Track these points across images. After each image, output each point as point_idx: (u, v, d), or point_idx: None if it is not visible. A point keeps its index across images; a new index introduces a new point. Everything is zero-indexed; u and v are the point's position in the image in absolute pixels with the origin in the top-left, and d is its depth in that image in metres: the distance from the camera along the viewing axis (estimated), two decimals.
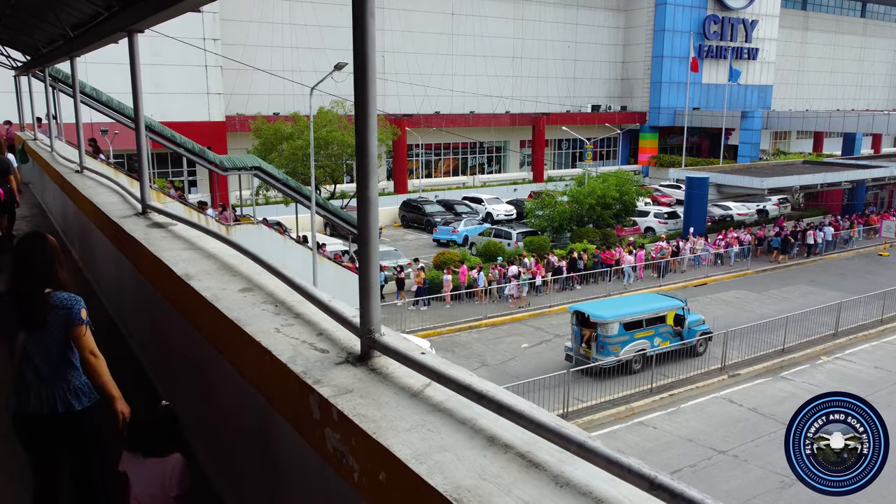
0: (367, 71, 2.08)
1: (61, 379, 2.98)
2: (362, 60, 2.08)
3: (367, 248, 2.19)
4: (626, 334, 17.64)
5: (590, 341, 17.76)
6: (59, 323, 2.94)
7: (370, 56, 2.08)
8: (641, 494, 1.44)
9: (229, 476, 3.20)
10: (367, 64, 2.08)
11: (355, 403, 1.96)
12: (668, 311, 18.36)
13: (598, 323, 17.50)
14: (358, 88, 2.10)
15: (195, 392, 3.58)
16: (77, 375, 3.03)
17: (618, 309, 18.31)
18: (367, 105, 2.10)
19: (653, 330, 18.05)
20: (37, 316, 2.93)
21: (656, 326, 18.11)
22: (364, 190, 2.16)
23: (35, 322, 2.93)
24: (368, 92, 2.09)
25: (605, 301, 20.53)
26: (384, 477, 1.73)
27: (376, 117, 2.15)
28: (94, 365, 3.04)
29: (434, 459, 1.65)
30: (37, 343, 2.94)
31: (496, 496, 1.50)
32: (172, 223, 4.74)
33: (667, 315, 18.29)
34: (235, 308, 2.86)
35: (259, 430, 2.65)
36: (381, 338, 2.21)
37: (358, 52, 2.09)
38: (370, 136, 2.12)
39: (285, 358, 2.30)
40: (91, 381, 3.06)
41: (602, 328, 17.43)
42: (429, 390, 2.04)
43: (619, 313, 17.84)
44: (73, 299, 3.00)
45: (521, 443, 1.72)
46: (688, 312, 18.80)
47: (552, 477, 1.57)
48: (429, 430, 1.79)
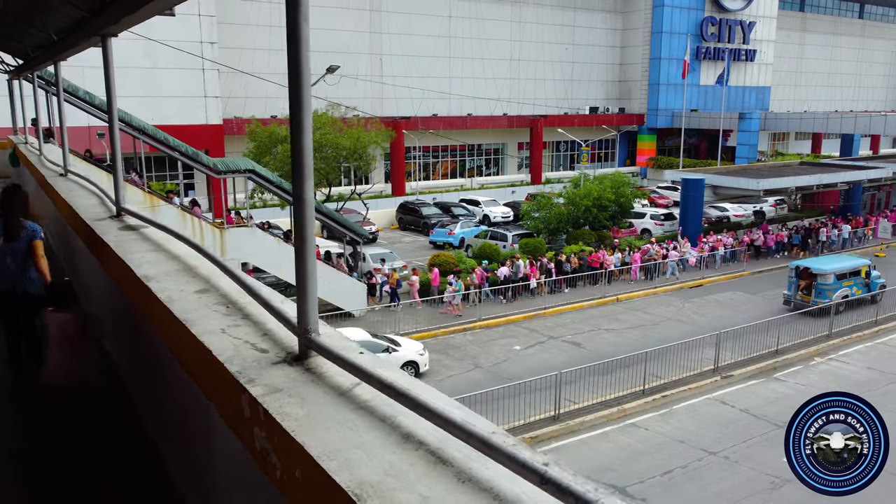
0: (301, 75, 2.11)
1: (24, 272, 4.81)
2: (296, 64, 2.11)
3: (303, 247, 2.22)
4: (837, 283, 22.92)
5: (808, 288, 22.95)
6: (27, 237, 4.81)
7: (304, 60, 2.11)
8: (539, 491, 1.46)
9: (188, 476, 3.24)
10: (300, 68, 2.11)
11: (282, 402, 1.98)
12: (862, 267, 23.89)
13: (819, 274, 22.78)
14: (292, 92, 2.13)
15: (160, 392, 3.61)
16: (32, 271, 4.83)
17: (831, 264, 23.83)
18: (302, 108, 2.13)
19: (852, 280, 23.46)
20: (14, 231, 4.79)
21: (855, 278, 23.57)
22: (300, 191, 2.19)
23: (12, 235, 4.78)
24: (303, 96, 2.12)
25: (819, 258, 26.80)
26: (300, 474, 1.76)
27: (311, 120, 2.18)
28: (41, 263, 4.85)
29: (345, 456, 1.68)
30: (12, 248, 4.77)
31: (398, 492, 1.53)
32: (144, 225, 4.78)
33: (861, 269, 23.81)
34: (187, 309, 2.89)
35: (206, 429, 2.68)
36: (316, 337, 2.23)
37: (292, 56, 2.12)
38: (305, 140, 2.15)
39: (224, 358, 2.33)
40: (38, 270, 4.84)
41: (821, 278, 22.71)
42: (357, 389, 2.06)
43: (833, 267, 23.32)
44: (35, 225, 4.92)
45: (434, 440, 1.74)
46: (872, 269, 24.36)
47: (457, 473, 1.60)
48: (348, 428, 1.82)
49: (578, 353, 19.64)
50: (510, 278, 24.17)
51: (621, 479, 13.18)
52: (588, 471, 13.50)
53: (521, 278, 24.46)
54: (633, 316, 23.26)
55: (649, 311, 23.83)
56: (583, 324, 22.40)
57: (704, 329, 20.44)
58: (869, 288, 23.86)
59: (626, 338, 20.95)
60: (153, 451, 3.65)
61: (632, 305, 24.49)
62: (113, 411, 4.15)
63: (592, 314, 23.52)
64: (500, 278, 24.01)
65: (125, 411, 4.10)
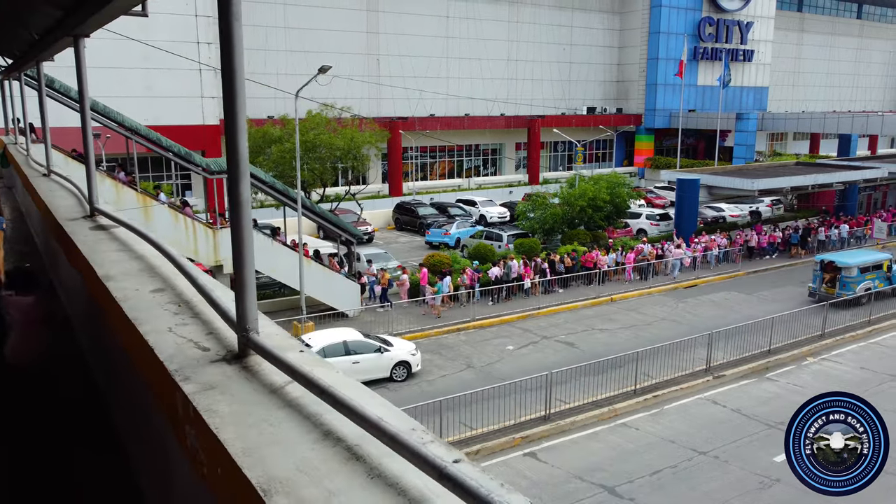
0: (235, 75, 2.13)
1: None
2: (229, 65, 2.13)
3: (240, 247, 2.24)
4: (861, 276, 23.91)
5: (833, 281, 23.95)
6: None
7: (237, 60, 2.13)
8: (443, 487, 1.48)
9: (147, 473, 3.25)
10: (234, 68, 2.13)
11: (212, 400, 2.00)
12: (884, 261, 24.88)
13: (843, 267, 23.72)
14: (226, 92, 2.15)
15: (119, 387, 3.63)
16: None
17: (855, 258, 24.85)
18: (237, 110, 2.15)
19: (875, 274, 24.43)
20: None
21: (877, 271, 24.58)
22: (235, 192, 2.21)
23: None
24: (237, 97, 2.14)
25: (844, 252, 28.10)
26: (221, 471, 1.77)
27: (245, 121, 2.20)
28: None
29: (262, 453, 1.69)
30: None
31: (305, 487, 1.55)
32: (116, 225, 4.79)
33: (884, 263, 24.77)
34: (139, 308, 2.91)
35: (156, 427, 2.69)
36: (254, 336, 2.25)
37: (225, 56, 2.13)
38: (240, 140, 2.17)
39: (164, 356, 2.35)
40: None
41: (846, 271, 23.66)
42: (289, 387, 2.07)
43: (858, 261, 24.33)
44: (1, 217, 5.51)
45: (353, 436, 1.75)
46: (894, 263, 25.26)
47: (368, 469, 1.61)
48: (270, 425, 1.84)
49: (571, 353, 19.66)
50: (501, 279, 24.18)
51: (610, 478, 13.19)
52: (577, 470, 13.53)
53: (514, 279, 24.48)
54: (626, 316, 23.27)
55: (643, 311, 23.85)
56: (576, 324, 22.42)
57: (698, 329, 20.45)
58: (890, 281, 24.91)
59: (620, 338, 20.97)
60: (116, 442, 3.67)
61: (626, 305, 24.51)
62: (79, 401, 4.17)
63: (586, 314, 23.54)
64: (492, 279, 24.00)
65: (93, 402, 4.13)
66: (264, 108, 36.52)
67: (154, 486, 3.14)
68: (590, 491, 12.80)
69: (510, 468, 13.68)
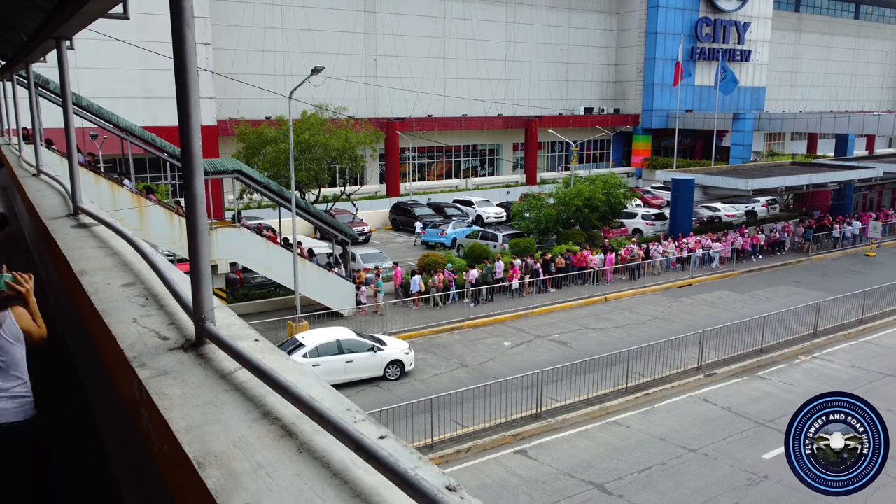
0: (188, 77, 2.24)
1: None
2: (182, 67, 2.24)
3: (196, 239, 2.35)
4: None
5: None
6: None
7: (189, 63, 2.24)
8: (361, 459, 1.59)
9: (122, 463, 3.37)
10: (186, 70, 2.24)
11: (164, 384, 2.11)
12: None
13: None
14: (179, 93, 2.26)
15: (97, 382, 3.74)
16: None
17: None
18: (190, 110, 2.26)
19: None
20: None
21: None
22: (190, 188, 2.32)
23: None
24: (190, 97, 2.25)
25: None
26: (167, 448, 1.89)
27: (199, 122, 2.31)
28: None
29: (203, 431, 1.81)
30: None
31: (237, 461, 1.66)
32: (97, 223, 4.91)
33: None
34: (106, 300, 3.02)
35: (121, 411, 2.81)
36: (209, 325, 2.36)
37: (178, 59, 2.24)
38: (194, 138, 2.29)
39: (125, 344, 2.46)
40: None
41: None
42: (238, 373, 2.19)
43: None
44: None
45: (290, 416, 1.87)
46: None
47: (298, 445, 1.73)
48: (214, 406, 1.95)
49: (564, 351, 19.77)
50: (480, 280, 24.16)
51: (599, 475, 13.30)
52: (567, 468, 13.64)
53: (499, 280, 24.56)
54: (620, 315, 23.38)
55: (637, 310, 23.95)
56: (570, 323, 22.53)
57: (691, 328, 20.55)
58: None
59: (613, 337, 21.08)
60: (95, 429, 3.78)
61: (620, 305, 24.62)
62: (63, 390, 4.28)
63: (581, 313, 23.65)
64: (471, 281, 23.84)
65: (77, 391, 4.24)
66: (264, 108, 36.69)
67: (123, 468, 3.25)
68: (579, 488, 12.90)
69: (501, 465, 13.79)
